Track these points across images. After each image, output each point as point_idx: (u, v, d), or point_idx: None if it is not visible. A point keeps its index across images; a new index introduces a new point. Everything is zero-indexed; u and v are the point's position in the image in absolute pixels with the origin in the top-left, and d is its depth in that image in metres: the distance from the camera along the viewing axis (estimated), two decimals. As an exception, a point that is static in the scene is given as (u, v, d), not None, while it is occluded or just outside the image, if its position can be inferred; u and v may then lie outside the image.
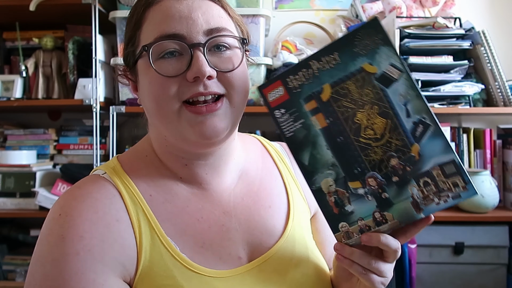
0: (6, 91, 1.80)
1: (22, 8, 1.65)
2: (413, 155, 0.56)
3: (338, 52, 0.56)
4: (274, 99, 0.59)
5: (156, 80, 0.59)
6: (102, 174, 0.64)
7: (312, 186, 0.60)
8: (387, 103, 0.56)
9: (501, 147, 1.79)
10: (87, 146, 1.87)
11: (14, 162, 1.75)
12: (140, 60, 0.62)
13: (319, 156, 0.59)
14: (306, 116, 0.58)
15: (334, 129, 0.58)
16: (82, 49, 1.81)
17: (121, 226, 0.58)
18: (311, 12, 2.01)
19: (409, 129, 0.56)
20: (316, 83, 0.57)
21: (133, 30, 0.63)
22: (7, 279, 1.79)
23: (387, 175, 0.57)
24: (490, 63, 1.72)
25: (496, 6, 2.00)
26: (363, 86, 0.56)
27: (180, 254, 0.60)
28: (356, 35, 0.55)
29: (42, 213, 1.69)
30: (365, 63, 0.55)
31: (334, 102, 0.57)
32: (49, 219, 0.58)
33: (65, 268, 0.54)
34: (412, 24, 1.72)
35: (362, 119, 0.57)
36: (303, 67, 0.57)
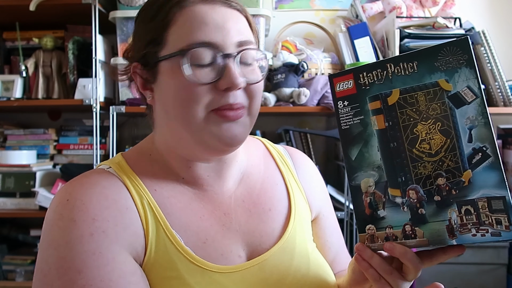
0: (6, 91, 1.80)
1: (22, 8, 1.65)
2: (463, 180, 0.54)
3: (418, 61, 0.56)
4: (341, 90, 0.60)
5: (186, 86, 0.59)
6: (107, 169, 0.64)
7: (351, 181, 0.59)
8: (451, 123, 0.54)
9: (501, 147, 1.79)
10: (87, 146, 1.87)
11: (14, 162, 1.75)
12: (165, 61, 0.61)
13: (367, 155, 0.58)
14: (367, 114, 0.58)
15: (391, 133, 0.57)
16: (82, 49, 1.81)
17: (131, 214, 0.59)
18: (311, 12, 2.01)
19: (467, 154, 0.54)
20: (387, 86, 0.57)
21: (158, 30, 0.62)
22: (7, 279, 1.79)
23: (430, 192, 0.55)
24: (490, 63, 1.72)
25: (496, 6, 2.00)
26: (433, 100, 0.55)
27: (184, 247, 0.60)
28: (441, 50, 0.54)
29: (42, 213, 1.68)
30: (442, 79, 0.54)
31: (399, 107, 0.57)
32: (55, 205, 0.58)
33: (81, 249, 0.54)
34: (412, 24, 1.72)
35: (421, 131, 0.56)
36: (378, 67, 0.57)
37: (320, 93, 1.65)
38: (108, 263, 0.54)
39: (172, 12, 0.61)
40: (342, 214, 1.65)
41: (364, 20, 1.81)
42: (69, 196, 0.58)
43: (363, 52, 1.73)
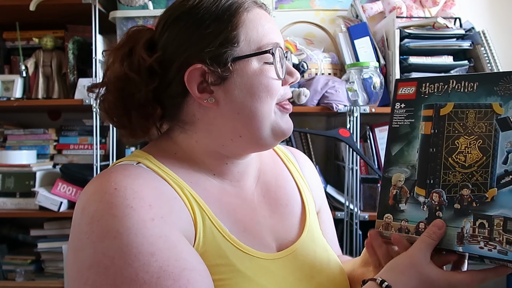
0: (6, 91, 1.80)
1: (22, 8, 1.65)
2: (486, 196, 0.57)
3: (479, 83, 0.60)
4: (402, 94, 0.66)
5: (268, 81, 0.64)
6: (136, 164, 0.62)
7: (385, 173, 0.65)
8: (492, 143, 0.58)
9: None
10: (87, 146, 1.87)
11: (14, 162, 1.75)
12: (243, 60, 0.63)
13: (406, 153, 0.64)
14: (418, 119, 0.64)
15: (434, 140, 0.62)
16: (82, 49, 1.81)
17: (179, 203, 0.60)
18: (311, 12, 2.01)
19: (498, 174, 0.57)
20: (444, 98, 0.62)
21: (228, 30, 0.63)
22: (7, 279, 1.79)
23: (452, 199, 0.59)
24: (490, 63, 1.72)
25: (496, 6, 2.00)
26: (482, 119, 0.59)
27: (230, 235, 0.62)
28: (504, 76, 0.59)
29: (42, 213, 1.69)
30: (496, 103, 0.59)
31: (448, 119, 0.62)
32: (101, 196, 0.54)
33: (148, 233, 0.52)
34: (412, 24, 1.72)
35: (462, 143, 0.60)
36: (441, 81, 0.63)
37: (320, 93, 1.65)
38: (177, 244, 0.54)
39: (240, 13, 0.64)
40: (342, 214, 1.65)
41: (364, 20, 1.81)
42: (116, 185, 0.55)
43: (363, 52, 1.73)
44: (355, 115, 1.65)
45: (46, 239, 1.77)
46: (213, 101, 0.64)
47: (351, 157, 1.64)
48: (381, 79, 1.65)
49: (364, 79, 1.65)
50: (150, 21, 1.68)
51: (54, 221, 1.80)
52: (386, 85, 1.71)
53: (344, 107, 1.65)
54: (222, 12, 0.63)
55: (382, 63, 1.74)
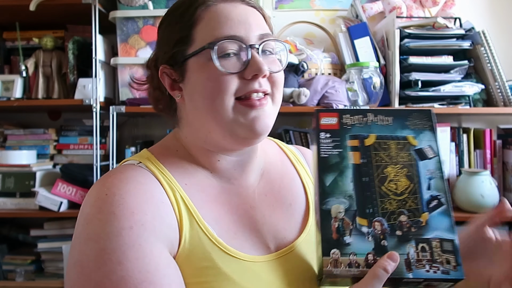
0: (6, 91, 1.80)
1: (22, 8, 1.65)
2: (421, 220, 0.61)
3: (393, 117, 0.67)
4: (325, 124, 0.67)
5: (215, 77, 0.64)
6: (137, 164, 0.67)
7: (322, 205, 0.63)
8: (415, 171, 0.64)
9: (501, 147, 1.79)
10: (87, 146, 1.87)
11: (14, 162, 1.75)
12: (194, 58, 0.65)
13: (341, 183, 0.64)
14: (346, 149, 0.66)
15: (364, 169, 0.64)
16: (82, 49, 1.81)
17: (166, 208, 0.62)
18: (311, 12, 2.01)
19: (426, 199, 0.63)
20: (365, 130, 0.67)
21: (185, 30, 0.67)
22: (7, 279, 1.79)
23: (393, 226, 0.61)
24: (490, 63, 1.72)
25: (496, 6, 2.00)
26: (402, 150, 0.65)
27: (217, 238, 0.63)
28: (411, 114, 0.68)
29: (42, 213, 1.69)
30: (410, 135, 0.66)
31: (373, 149, 0.65)
32: (94, 200, 0.60)
33: (122, 242, 0.56)
34: (412, 24, 1.72)
35: (390, 172, 0.64)
36: (361, 113, 0.68)
37: (320, 93, 1.65)
38: (146, 255, 0.56)
39: (198, 12, 0.66)
40: (342, 214, 1.65)
41: (364, 20, 1.81)
42: (108, 191, 0.60)
43: (363, 52, 1.73)
44: (355, 115, 1.64)
45: (46, 239, 1.77)
46: (180, 97, 0.69)
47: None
48: (381, 79, 1.65)
49: (364, 79, 1.65)
50: (150, 21, 1.68)
51: (54, 221, 1.80)
52: (386, 85, 1.71)
53: (344, 107, 1.65)
54: (181, 13, 0.68)
55: (382, 63, 1.74)
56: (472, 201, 1.61)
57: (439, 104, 1.70)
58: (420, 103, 1.69)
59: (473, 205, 1.62)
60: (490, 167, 1.76)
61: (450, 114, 1.83)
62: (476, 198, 1.60)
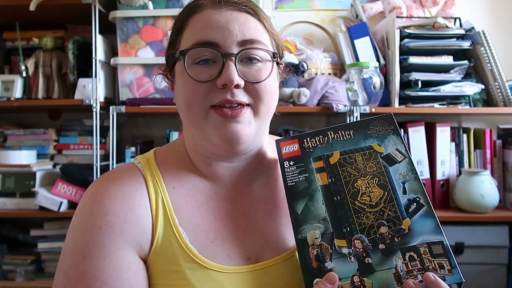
0: (6, 91, 1.80)
1: (22, 8, 1.65)
2: (403, 227, 0.58)
3: (354, 130, 0.66)
4: (287, 152, 0.67)
5: (189, 84, 0.63)
6: (137, 163, 0.71)
7: (297, 234, 0.61)
8: (387, 178, 0.62)
9: (501, 147, 1.79)
10: (87, 146, 1.87)
11: (14, 162, 1.75)
12: (177, 63, 0.67)
13: (313, 208, 0.62)
14: (312, 172, 0.64)
15: (334, 188, 0.63)
16: (82, 49, 1.81)
17: (142, 210, 0.65)
18: (311, 12, 2.01)
19: (403, 204, 0.60)
20: (328, 148, 0.65)
21: (175, 35, 0.68)
22: (7, 279, 1.79)
23: (374, 241, 0.58)
24: (490, 63, 1.72)
25: (496, 6, 2.00)
26: (369, 160, 0.64)
27: (188, 245, 0.64)
28: (372, 122, 0.66)
29: (42, 213, 1.69)
30: (375, 144, 0.65)
31: (339, 166, 0.64)
32: (84, 196, 0.66)
33: (90, 239, 0.61)
34: (412, 24, 1.72)
35: (361, 185, 0.62)
36: (320, 134, 0.67)
37: (320, 93, 1.64)
38: (108, 255, 0.60)
39: (186, 17, 0.67)
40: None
41: (364, 20, 1.81)
42: (94, 189, 0.66)
43: (363, 52, 1.73)
44: (355, 115, 1.65)
45: (46, 239, 1.77)
46: (174, 98, 0.71)
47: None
48: (381, 79, 1.65)
49: (364, 79, 1.65)
50: (150, 21, 1.68)
51: (54, 221, 1.80)
52: (386, 85, 1.71)
53: (344, 107, 1.65)
54: (177, 17, 0.70)
55: (382, 63, 1.74)
56: (472, 201, 1.61)
57: (439, 104, 1.70)
58: (420, 103, 1.69)
59: (473, 205, 1.62)
60: (490, 167, 1.76)
61: (450, 114, 1.83)
62: (476, 198, 1.61)
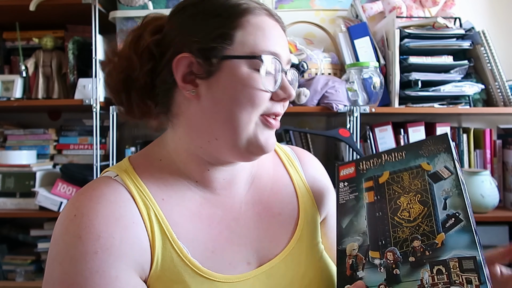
0: (6, 91, 1.80)
1: (22, 8, 1.65)
2: (436, 242, 0.59)
3: (407, 151, 0.69)
4: (344, 175, 0.72)
5: (253, 89, 0.61)
6: (114, 177, 0.63)
7: (339, 246, 0.66)
8: (429, 195, 0.64)
9: (501, 147, 1.79)
10: (87, 146, 1.87)
11: (14, 162, 1.75)
12: (232, 60, 0.61)
13: (356, 223, 0.66)
14: (361, 191, 0.69)
15: (378, 205, 0.66)
16: (82, 49, 1.81)
17: (137, 228, 0.59)
18: (311, 12, 2.01)
19: (441, 219, 0.61)
20: (379, 170, 0.69)
21: (227, 27, 0.61)
22: (7, 279, 1.79)
23: (405, 253, 0.60)
24: (490, 63, 1.72)
25: (496, 6, 2.00)
26: (415, 178, 0.66)
27: (191, 259, 0.60)
28: (425, 142, 0.68)
29: (42, 213, 1.69)
30: (424, 162, 0.67)
31: (387, 185, 0.67)
32: (63, 219, 0.58)
33: (85, 267, 0.54)
34: (412, 24, 1.72)
35: (403, 202, 0.65)
36: (375, 157, 0.71)
37: (320, 93, 1.65)
38: (111, 281, 0.54)
39: (244, 15, 0.62)
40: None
41: (364, 20, 1.81)
42: (76, 211, 0.57)
43: (363, 52, 1.73)
44: (355, 115, 1.65)
45: (46, 239, 1.77)
46: (194, 93, 0.62)
47: (351, 157, 1.64)
48: (381, 79, 1.65)
49: (364, 79, 1.65)
50: (150, 21, 1.68)
51: (54, 221, 1.78)
52: (386, 85, 1.71)
53: (344, 107, 1.65)
54: (226, 9, 0.62)
55: (382, 63, 1.74)
56: (472, 201, 1.61)
57: (439, 104, 1.70)
58: (420, 103, 1.69)
59: (473, 205, 1.62)
60: (490, 167, 1.76)
61: (450, 114, 1.83)
62: (476, 198, 1.61)
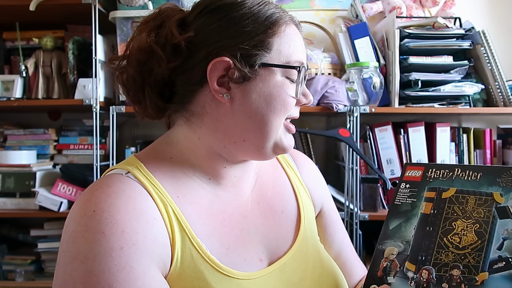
0: (6, 91, 1.80)
1: (22, 8, 1.65)
2: (476, 279, 0.57)
3: (483, 173, 0.65)
4: (409, 176, 0.70)
5: (286, 97, 0.64)
6: (125, 174, 0.61)
7: (379, 245, 0.64)
8: (489, 228, 0.60)
9: (501, 147, 1.79)
10: (87, 146, 1.87)
11: (14, 162, 1.75)
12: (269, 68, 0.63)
13: (403, 229, 0.64)
14: (420, 199, 0.66)
15: (432, 219, 0.64)
16: (82, 49, 1.81)
17: (158, 224, 0.58)
18: (311, 12, 2.01)
19: (491, 259, 0.58)
20: (447, 183, 0.66)
21: (267, 34, 0.63)
22: (7, 279, 1.79)
23: (441, 277, 0.59)
24: (490, 63, 1.72)
25: (496, 6, 2.00)
26: (481, 205, 0.62)
27: (210, 256, 0.60)
28: (507, 170, 0.64)
29: (42, 213, 1.69)
30: (497, 192, 0.62)
31: (448, 202, 0.64)
32: (79, 217, 0.55)
33: (111, 263, 0.52)
34: (412, 24, 1.72)
35: (459, 226, 0.62)
36: (447, 168, 0.68)
37: (320, 93, 1.64)
38: (139, 277, 0.53)
39: (280, 24, 0.65)
40: (342, 214, 1.65)
41: (364, 20, 1.81)
42: (95, 207, 0.55)
43: (363, 52, 1.73)
44: (355, 115, 1.65)
45: (46, 239, 1.77)
46: (228, 97, 0.63)
47: (351, 157, 1.64)
48: (381, 79, 1.65)
49: (364, 79, 1.65)
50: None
51: (54, 221, 1.80)
52: (386, 85, 1.71)
53: (344, 107, 1.65)
54: (264, 17, 0.64)
55: (382, 63, 1.74)
56: (472, 201, 1.61)
57: (439, 104, 1.70)
58: (420, 103, 1.69)
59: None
60: (490, 167, 1.76)
61: (450, 114, 1.83)
62: (476, 198, 1.60)
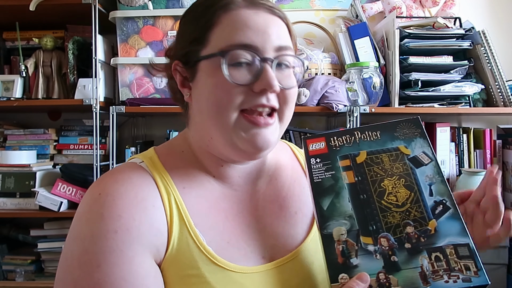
0: (6, 91, 1.80)
1: (22, 8, 1.65)
2: (429, 228, 0.59)
3: (381, 131, 0.67)
4: (314, 150, 0.68)
5: (222, 85, 0.61)
6: (139, 163, 0.66)
7: (323, 230, 0.61)
8: (413, 180, 0.63)
9: (501, 147, 1.79)
10: (87, 146, 1.87)
11: (14, 162, 1.75)
12: (205, 61, 0.63)
13: (338, 205, 0.62)
14: (338, 170, 0.65)
15: (360, 186, 0.63)
16: (82, 49, 1.81)
17: (157, 212, 0.61)
18: (311, 12, 2.01)
19: (430, 206, 0.61)
20: (355, 148, 0.67)
21: (201, 30, 0.64)
22: (7, 279, 1.79)
23: (400, 239, 0.59)
24: (490, 63, 1.72)
25: (496, 6, 2.00)
26: (395, 161, 0.65)
27: (206, 247, 0.61)
28: (399, 124, 0.67)
29: (42, 213, 1.69)
30: (402, 145, 0.66)
31: (366, 165, 0.65)
32: (88, 198, 0.61)
33: (105, 245, 0.56)
34: (412, 24, 1.72)
35: (388, 185, 0.63)
36: (347, 134, 0.68)
37: (320, 93, 1.65)
38: (126, 262, 0.56)
39: (217, 14, 0.63)
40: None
41: (364, 20, 1.81)
42: (101, 191, 0.60)
43: (363, 52, 1.73)
44: (355, 115, 1.65)
45: (46, 239, 1.77)
46: (188, 96, 0.67)
47: (351, 157, 1.64)
48: (381, 79, 1.65)
49: (364, 79, 1.65)
50: (150, 21, 1.68)
51: (54, 221, 1.80)
52: (386, 85, 1.71)
53: (344, 107, 1.65)
54: (202, 12, 0.65)
55: (382, 63, 1.74)
56: (472, 201, 1.61)
57: (439, 104, 1.70)
58: (420, 103, 1.69)
59: (473, 205, 1.62)
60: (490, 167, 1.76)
61: (450, 114, 1.83)
62: (476, 198, 1.60)
